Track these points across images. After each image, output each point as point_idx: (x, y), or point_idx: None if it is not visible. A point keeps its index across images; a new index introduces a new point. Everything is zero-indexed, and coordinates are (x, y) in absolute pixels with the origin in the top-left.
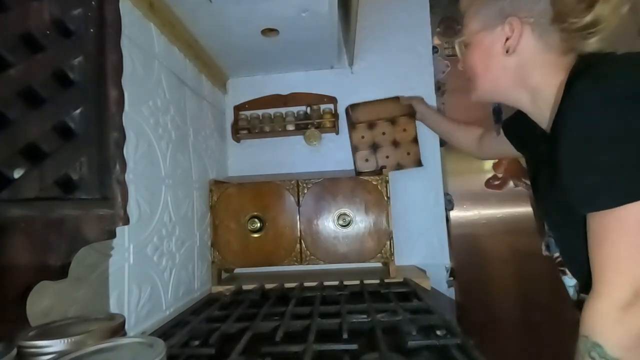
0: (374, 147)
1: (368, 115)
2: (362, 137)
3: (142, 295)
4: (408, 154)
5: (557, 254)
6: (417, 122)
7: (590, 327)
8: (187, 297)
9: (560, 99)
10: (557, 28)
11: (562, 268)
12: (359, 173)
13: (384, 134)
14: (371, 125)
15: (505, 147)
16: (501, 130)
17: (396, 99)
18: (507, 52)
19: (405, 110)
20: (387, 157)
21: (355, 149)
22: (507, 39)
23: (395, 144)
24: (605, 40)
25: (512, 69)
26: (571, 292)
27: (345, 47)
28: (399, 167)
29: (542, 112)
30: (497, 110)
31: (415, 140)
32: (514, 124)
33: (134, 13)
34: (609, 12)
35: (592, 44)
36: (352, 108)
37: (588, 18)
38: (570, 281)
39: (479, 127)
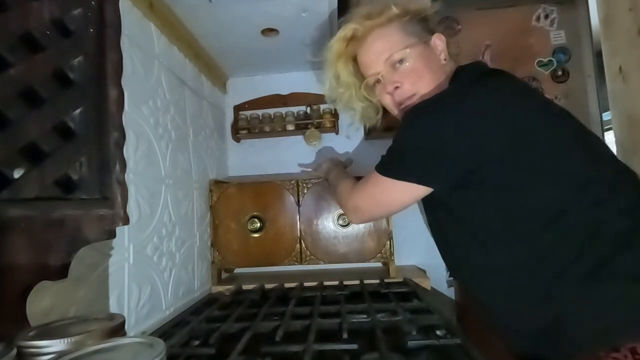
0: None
1: None
2: None
3: (142, 295)
4: None
5: None
6: None
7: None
8: (187, 297)
9: None
10: None
11: None
12: (370, 131)
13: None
14: None
15: None
16: None
17: None
18: (444, 60)
19: None
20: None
21: None
22: (440, 49)
23: None
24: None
25: (447, 73)
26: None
27: None
28: None
29: None
30: None
31: None
32: None
33: (133, 13)
34: None
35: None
36: None
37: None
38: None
39: None
